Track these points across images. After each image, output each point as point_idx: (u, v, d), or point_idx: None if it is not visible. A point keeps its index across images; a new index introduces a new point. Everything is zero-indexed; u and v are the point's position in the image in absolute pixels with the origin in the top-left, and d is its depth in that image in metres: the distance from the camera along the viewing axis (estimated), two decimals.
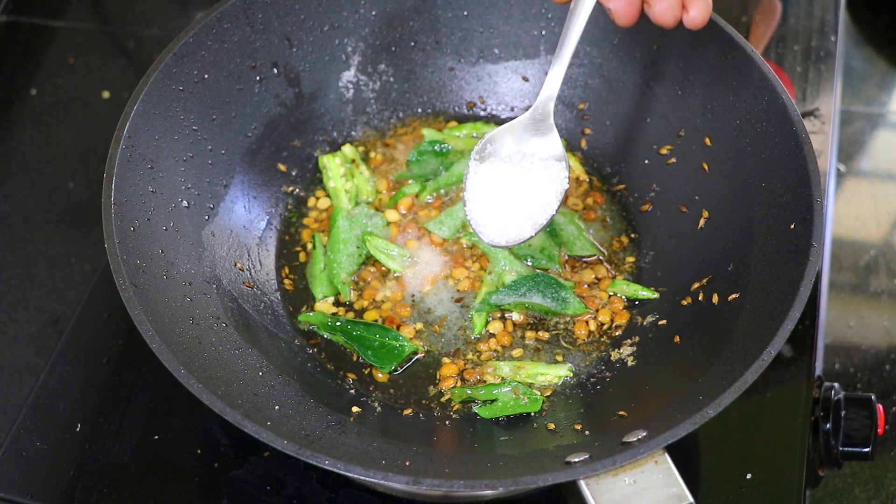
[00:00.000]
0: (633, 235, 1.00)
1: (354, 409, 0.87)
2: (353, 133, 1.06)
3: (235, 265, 0.94)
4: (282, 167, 1.02)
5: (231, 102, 0.96)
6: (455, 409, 0.89)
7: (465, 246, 0.99)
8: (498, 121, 1.08)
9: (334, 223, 0.99)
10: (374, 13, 1.02)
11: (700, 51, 0.93)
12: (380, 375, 0.91)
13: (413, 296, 0.96)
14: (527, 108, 1.07)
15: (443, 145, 1.04)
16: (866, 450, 0.94)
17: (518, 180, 0.89)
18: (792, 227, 0.82)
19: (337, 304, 0.96)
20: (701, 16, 0.77)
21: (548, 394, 0.89)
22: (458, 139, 1.05)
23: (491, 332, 0.94)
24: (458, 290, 0.96)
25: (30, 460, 0.93)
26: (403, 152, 1.06)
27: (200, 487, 0.91)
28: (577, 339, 0.94)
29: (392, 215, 1.01)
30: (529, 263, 0.97)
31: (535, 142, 0.89)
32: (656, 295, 0.94)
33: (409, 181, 1.03)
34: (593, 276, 0.97)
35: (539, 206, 0.88)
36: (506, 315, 0.95)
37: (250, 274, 0.95)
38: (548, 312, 0.94)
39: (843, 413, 0.94)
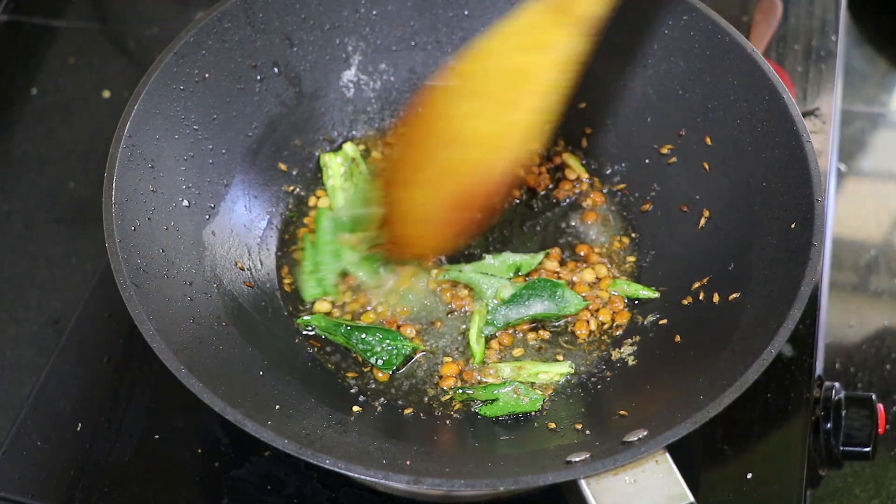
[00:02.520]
0: (633, 235, 1.00)
1: (355, 408, 0.87)
2: (353, 132, 1.06)
3: (236, 265, 0.94)
4: (282, 166, 1.02)
5: (232, 102, 0.96)
6: (456, 408, 0.89)
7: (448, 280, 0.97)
8: None
9: (318, 225, 0.98)
10: (374, 12, 1.02)
11: (701, 50, 0.93)
12: (380, 375, 0.91)
13: (410, 296, 0.96)
14: None
15: None
16: (867, 449, 0.94)
17: None
18: (792, 226, 0.82)
19: (334, 304, 0.96)
20: None
21: (549, 392, 0.89)
22: None
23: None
24: (451, 306, 0.96)
25: (30, 460, 0.93)
26: None
27: (201, 487, 0.91)
28: (577, 338, 0.94)
29: None
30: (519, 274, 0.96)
31: None
32: (657, 294, 0.94)
33: None
34: (594, 275, 0.97)
35: None
36: None
37: (251, 273, 0.95)
38: (553, 317, 0.94)
39: (843, 413, 0.94)
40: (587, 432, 0.82)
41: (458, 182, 0.83)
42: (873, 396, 0.95)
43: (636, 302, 0.95)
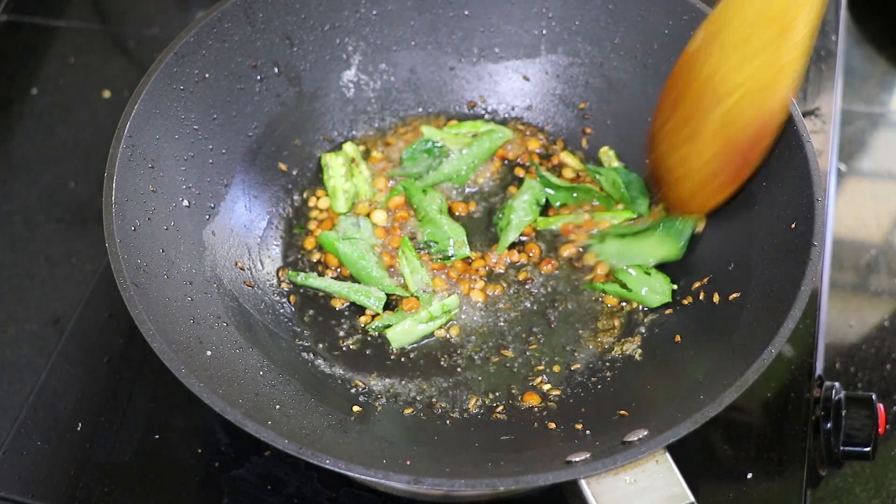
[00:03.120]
0: None
1: (355, 408, 0.87)
2: (353, 132, 1.06)
3: (236, 265, 0.94)
4: (282, 166, 1.02)
5: (232, 102, 0.96)
6: (455, 414, 0.89)
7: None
8: (499, 120, 1.08)
9: (337, 254, 0.98)
10: (374, 12, 1.02)
11: None
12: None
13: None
14: (528, 108, 1.08)
15: (437, 144, 1.04)
16: (867, 449, 0.94)
17: None
18: (793, 226, 0.82)
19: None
20: None
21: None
22: (456, 137, 1.05)
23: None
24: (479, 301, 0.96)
25: (31, 459, 0.93)
26: None
27: (201, 487, 0.91)
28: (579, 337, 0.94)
29: (379, 217, 1.00)
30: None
31: None
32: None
33: (397, 184, 1.03)
34: (594, 275, 0.97)
35: None
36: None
37: (251, 273, 0.95)
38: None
39: (843, 413, 0.94)
40: (587, 432, 0.82)
41: (732, 135, 0.84)
42: (873, 396, 0.95)
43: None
